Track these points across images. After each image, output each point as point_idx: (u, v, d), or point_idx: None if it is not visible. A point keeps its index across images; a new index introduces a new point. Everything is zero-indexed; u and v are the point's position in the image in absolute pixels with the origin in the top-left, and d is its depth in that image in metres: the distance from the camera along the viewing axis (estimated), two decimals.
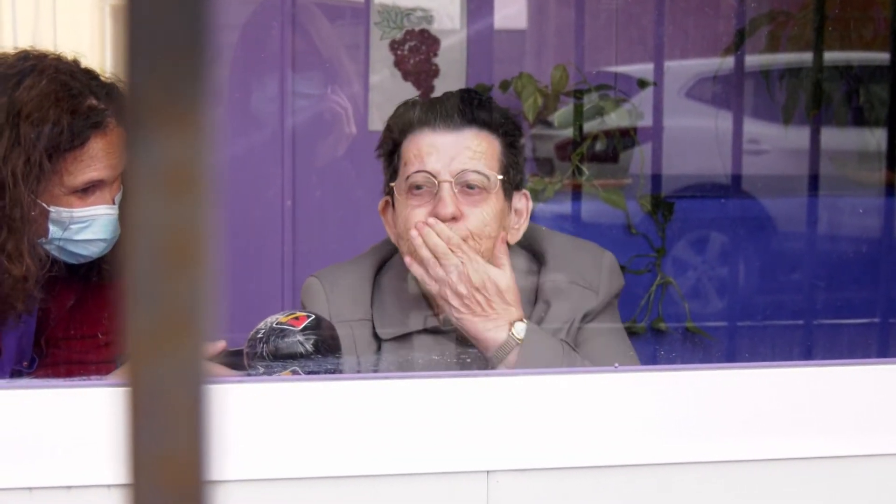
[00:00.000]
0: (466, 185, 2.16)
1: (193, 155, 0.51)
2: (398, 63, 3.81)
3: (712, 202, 4.13)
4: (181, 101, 0.51)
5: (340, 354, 2.05)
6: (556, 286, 2.23)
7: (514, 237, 2.25)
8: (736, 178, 4.03)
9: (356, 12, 3.86)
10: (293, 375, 1.95)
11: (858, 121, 4.04)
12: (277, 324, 2.00)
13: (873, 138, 4.03)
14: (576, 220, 3.92)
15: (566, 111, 3.93)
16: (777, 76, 4.02)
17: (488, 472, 1.73)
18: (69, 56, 2.22)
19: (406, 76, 3.81)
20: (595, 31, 4.02)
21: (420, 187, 2.17)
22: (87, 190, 2.17)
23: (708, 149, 4.01)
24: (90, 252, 2.20)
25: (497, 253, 2.15)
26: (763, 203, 4.11)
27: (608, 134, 3.90)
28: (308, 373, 1.96)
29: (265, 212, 3.76)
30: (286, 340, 1.98)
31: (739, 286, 4.11)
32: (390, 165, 2.24)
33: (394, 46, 3.80)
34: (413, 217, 2.16)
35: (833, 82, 3.98)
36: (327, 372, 1.98)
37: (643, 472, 1.79)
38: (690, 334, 3.89)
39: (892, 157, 3.98)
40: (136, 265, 0.51)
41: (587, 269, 2.26)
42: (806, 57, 3.96)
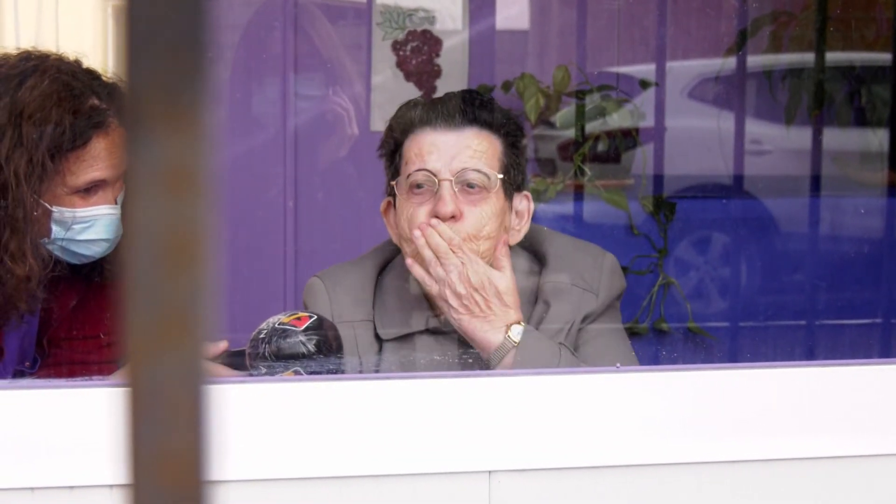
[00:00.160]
0: (467, 184, 2.16)
1: (193, 155, 0.51)
2: (400, 64, 3.81)
3: (714, 203, 4.13)
4: (181, 102, 0.51)
5: (342, 355, 2.05)
6: (557, 287, 2.23)
7: (515, 238, 2.25)
8: (738, 179, 4.03)
9: (358, 13, 3.86)
10: (295, 376, 1.95)
11: (860, 121, 4.04)
12: (279, 324, 2.00)
13: (875, 139, 4.03)
14: (578, 221, 3.92)
15: (568, 112, 3.93)
16: (779, 76, 4.02)
17: (490, 473, 1.73)
18: (71, 56, 2.22)
19: (408, 77, 3.81)
20: (597, 32, 4.02)
21: (420, 186, 2.17)
22: (90, 190, 2.17)
23: (710, 149, 4.01)
24: (93, 252, 2.20)
25: (498, 255, 2.16)
26: (765, 203, 4.11)
27: (610, 134, 3.90)
28: (310, 373, 1.96)
29: (267, 212, 3.76)
30: (288, 341, 1.98)
31: (741, 287, 4.11)
32: (392, 165, 2.24)
33: (396, 47, 3.80)
34: (414, 216, 2.16)
35: (835, 83, 3.98)
36: (329, 372, 1.98)
37: (645, 473, 1.79)
38: (692, 335, 3.88)
39: (894, 158, 3.98)
40: (137, 265, 0.51)
41: (588, 271, 2.26)
42: (808, 57, 3.96)
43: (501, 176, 2.19)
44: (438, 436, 1.73)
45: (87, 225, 2.17)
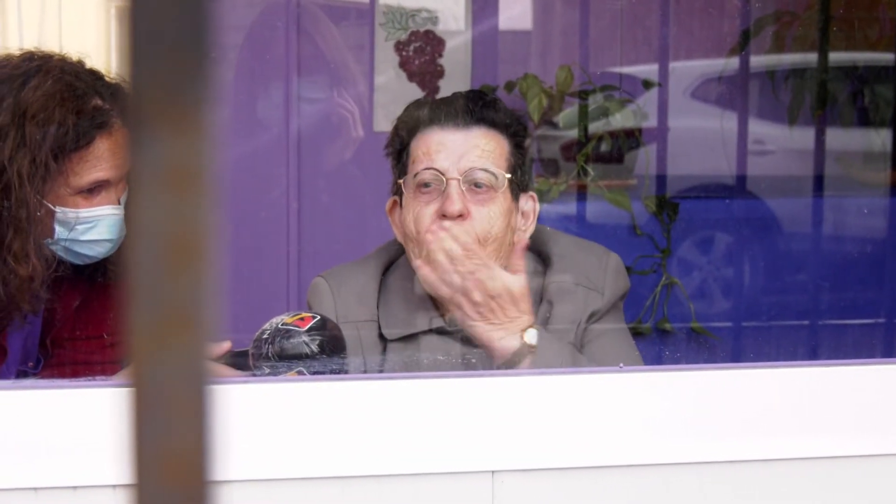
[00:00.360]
0: (474, 184, 2.16)
1: (196, 155, 0.51)
2: (403, 64, 3.81)
3: (717, 203, 4.13)
4: (184, 102, 0.51)
5: (345, 355, 2.05)
6: (561, 287, 2.23)
7: (521, 238, 2.24)
8: (741, 179, 4.03)
9: (361, 13, 3.86)
10: (298, 376, 1.95)
11: (863, 121, 4.04)
12: (283, 324, 2.00)
13: (878, 138, 4.03)
14: (581, 221, 3.93)
15: (571, 112, 3.93)
16: (782, 76, 4.02)
17: (493, 472, 1.73)
18: (74, 57, 2.22)
19: (411, 77, 3.81)
20: (600, 32, 4.02)
21: (428, 185, 2.16)
22: (93, 190, 2.17)
23: (713, 149, 4.02)
24: (96, 252, 2.20)
25: (515, 259, 2.12)
26: (768, 203, 4.11)
27: (613, 135, 3.91)
28: (313, 373, 1.96)
29: (271, 213, 3.76)
30: (291, 341, 1.98)
31: (744, 287, 4.11)
32: (399, 164, 2.24)
33: (399, 47, 3.80)
34: (420, 215, 2.15)
35: (838, 83, 3.98)
36: (332, 372, 1.98)
37: (648, 473, 1.79)
38: (695, 335, 3.89)
39: None
40: (140, 265, 0.51)
41: (592, 271, 2.25)
42: (811, 57, 3.96)
43: (509, 175, 2.19)
44: (441, 436, 1.73)
45: (91, 225, 2.17)
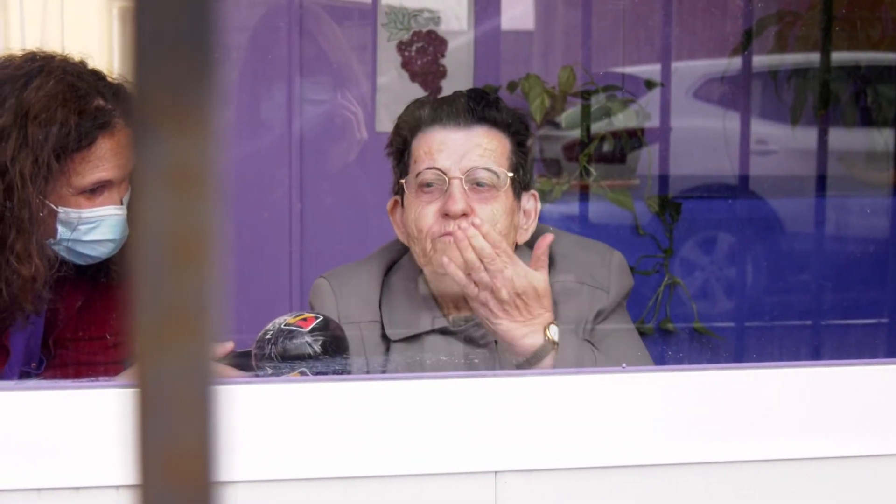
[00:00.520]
0: (476, 183, 2.16)
1: (200, 155, 0.51)
2: (405, 64, 3.81)
3: (720, 203, 4.13)
4: (188, 102, 0.51)
5: (348, 356, 2.05)
6: (565, 286, 2.22)
7: (523, 237, 2.25)
8: (743, 179, 4.03)
9: (363, 13, 3.86)
10: (301, 376, 1.95)
11: (866, 121, 4.04)
12: (285, 325, 2.00)
13: (881, 138, 4.02)
14: (583, 221, 3.92)
15: (573, 112, 3.93)
16: (785, 76, 4.01)
17: (497, 473, 1.73)
18: (76, 57, 2.22)
19: (413, 77, 3.81)
20: (602, 32, 4.02)
21: (430, 184, 2.16)
22: (95, 190, 2.17)
23: (715, 149, 4.01)
24: (98, 253, 2.20)
25: (540, 254, 2.11)
26: (771, 203, 4.11)
27: (615, 135, 3.90)
28: (316, 374, 1.96)
29: (273, 213, 3.76)
30: (294, 342, 1.98)
31: (747, 287, 4.11)
32: (400, 163, 2.24)
33: (401, 48, 3.80)
34: (422, 214, 2.15)
35: (841, 82, 3.98)
36: (335, 373, 1.98)
37: (651, 473, 1.79)
38: (698, 335, 3.88)
39: None
40: (143, 265, 0.51)
41: (596, 269, 2.25)
42: (814, 57, 3.95)
43: (511, 174, 2.19)
44: (445, 436, 1.73)
45: (93, 225, 2.17)
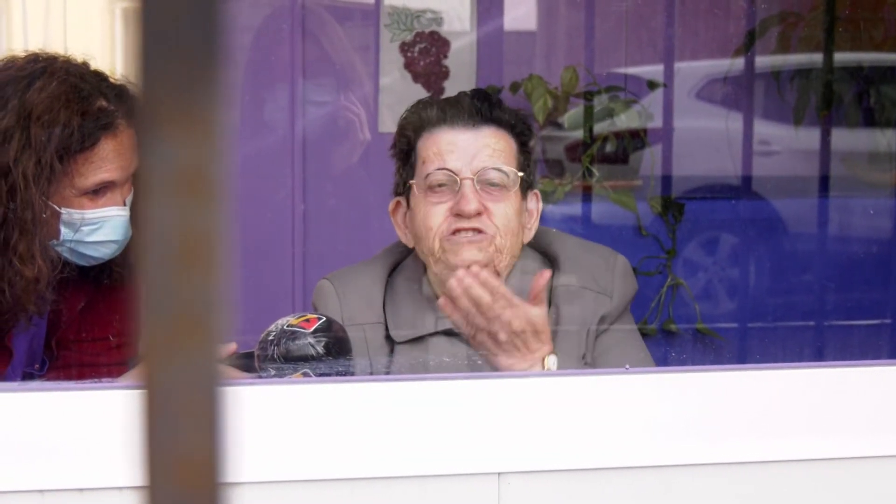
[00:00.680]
0: (487, 183, 2.16)
1: (206, 157, 0.51)
2: (408, 65, 3.81)
3: (723, 203, 4.12)
4: (194, 104, 0.51)
5: (351, 356, 2.05)
6: (568, 290, 2.22)
7: (528, 236, 2.25)
8: (746, 179, 4.02)
9: (366, 14, 3.85)
10: (304, 377, 1.95)
11: (869, 121, 4.03)
12: (288, 326, 2.00)
13: (884, 139, 4.02)
14: (586, 222, 3.92)
15: (576, 113, 3.93)
16: (787, 77, 4.01)
17: (500, 474, 1.73)
18: (79, 58, 2.22)
19: (416, 78, 3.81)
20: (605, 33, 4.02)
21: (441, 185, 2.16)
22: (98, 191, 2.17)
23: (718, 150, 4.01)
24: (101, 254, 2.20)
25: (539, 288, 2.10)
26: (773, 204, 4.10)
27: (618, 135, 3.90)
28: (319, 375, 1.96)
29: (276, 214, 3.76)
30: (297, 343, 1.98)
31: (750, 287, 4.10)
32: (406, 164, 2.23)
33: (404, 48, 3.80)
34: (431, 214, 2.15)
35: (844, 83, 3.97)
36: (338, 374, 1.98)
37: (654, 474, 1.78)
38: (701, 336, 3.88)
39: None
40: (150, 267, 0.51)
41: (600, 274, 2.25)
42: (816, 58, 3.95)
43: (521, 174, 2.19)
44: (448, 437, 1.73)
45: (96, 226, 2.17)
